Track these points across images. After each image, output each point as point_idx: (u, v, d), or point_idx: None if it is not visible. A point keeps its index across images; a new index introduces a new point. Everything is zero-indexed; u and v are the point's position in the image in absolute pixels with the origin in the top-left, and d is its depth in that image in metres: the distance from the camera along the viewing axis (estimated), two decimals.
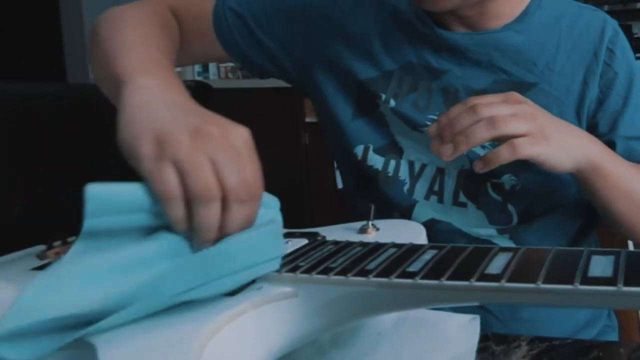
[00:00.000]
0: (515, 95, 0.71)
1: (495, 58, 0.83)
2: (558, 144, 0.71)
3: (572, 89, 0.83)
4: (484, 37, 0.83)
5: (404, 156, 0.87)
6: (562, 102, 0.82)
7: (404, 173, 0.87)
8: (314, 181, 2.66)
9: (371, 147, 0.88)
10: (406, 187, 0.87)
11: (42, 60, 3.61)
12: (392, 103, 0.86)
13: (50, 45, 3.31)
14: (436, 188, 0.86)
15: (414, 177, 0.86)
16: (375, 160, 0.88)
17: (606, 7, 2.88)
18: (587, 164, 0.73)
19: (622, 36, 0.86)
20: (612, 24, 0.85)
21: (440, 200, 0.85)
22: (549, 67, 0.83)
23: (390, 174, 0.87)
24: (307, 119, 2.95)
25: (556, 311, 0.88)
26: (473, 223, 0.84)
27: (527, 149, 0.68)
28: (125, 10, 0.80)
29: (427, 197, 0.86)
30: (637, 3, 3.34)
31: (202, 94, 1.12)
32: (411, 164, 0.87)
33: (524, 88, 0.82)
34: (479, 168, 0.70)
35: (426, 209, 0.86)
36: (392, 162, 0.87)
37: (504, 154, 0.68)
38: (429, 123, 0.84)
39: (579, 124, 0.83)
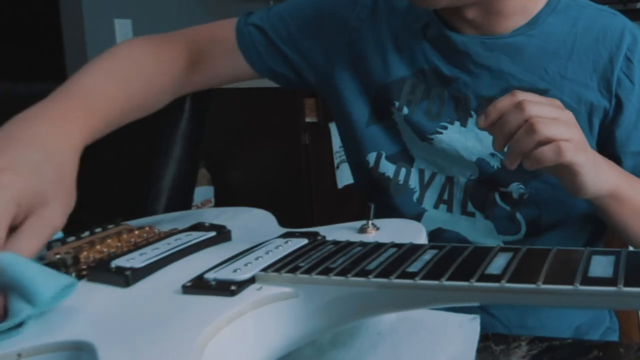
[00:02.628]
0: (558, 102, 0.69)
1: (504, 64, 0.82)
2: (593, 161, 0.69)
3: (584, 97, 0.80)
4: (494, 42, 0.82)
5: (414, 165, 0.87)
6: (574, 110, 0.78)
7: (414, 181, 0.87)
8: (314, 181, 2.66)
9: (384, 155, 0.88)
10: (416, 196, 0.87)
11: (42, 60, 3.60)
12: (405, 110, 0.86)
13: (50, 46, 3.31)
14: (445, 197, 0.85)
15: (424, 186, 0.86)
16: (387, 168, 0.88)
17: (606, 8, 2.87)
18: (607, 192, 0.72)
19: None
20: (632, 30, 0.82)
21: (449, 209, 0.85)
22: (560, 73, 0.80)
23: (400, 182, 0.87)
24: (307, 119, 2.95)
25: (560, 315, 0.87)
26: (481, 233, 0.84)
27: (572, 155, 0.65)
28: (124, 47, 0.85)
29: (436, 206, 0.86)
30: (637, 3, 3.34)
31: (202, 94, 1.12)
32: (421, 173, 0.86)
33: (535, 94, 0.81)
34: (509, 164, 0.68)
35: (434, 218, 0.86)
36: (403, 170, 0.87)
37: (549, 156, 0.65)
38: (440, 130, 0.84)
39: (591, 134, 0.81)
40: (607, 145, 0.81)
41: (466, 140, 0.83)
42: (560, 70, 0.81)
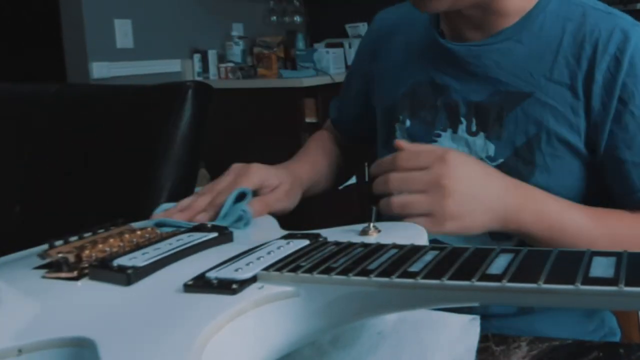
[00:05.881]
0: (439, 166, 0.70)
1: (492, 70, 0.83)
2: (463, 220, 0.70)
3: (567, 98, 0.79)
4: (481, 49, 0.83)
5: None
6: (558, 112, 0.79)
7: None
8: None
9: None
10: None
11: (42, 60, 3.60)
12: (408, 123, 0.89)
13: (50, 46, 3.31)
14: None
15: None
16: None
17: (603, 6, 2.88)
18: (512, 227, 0.74)
19: (638, 45, 0.77)
20: (625, 27, 0.78)
21: None
22: (545, 76, 0.80)
23: None
24: (307, 119, 2.95)
25: (557, 320, 0.87)
26: (476, 241, 0.83)
27: (429, 230, 0.65)
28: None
29: None
30: (637, 3, 3.34)
31: (202, 94, 1.12)
32: None
33: (519, 98, 0.81)
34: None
35: None
36: None
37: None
38: (434, 138, 0.87)
39: (572, 137, 0.79)
40: (612, 147, 0.79)
41: (457, 146, 0.85)
42: (545, 73, 0.80)
